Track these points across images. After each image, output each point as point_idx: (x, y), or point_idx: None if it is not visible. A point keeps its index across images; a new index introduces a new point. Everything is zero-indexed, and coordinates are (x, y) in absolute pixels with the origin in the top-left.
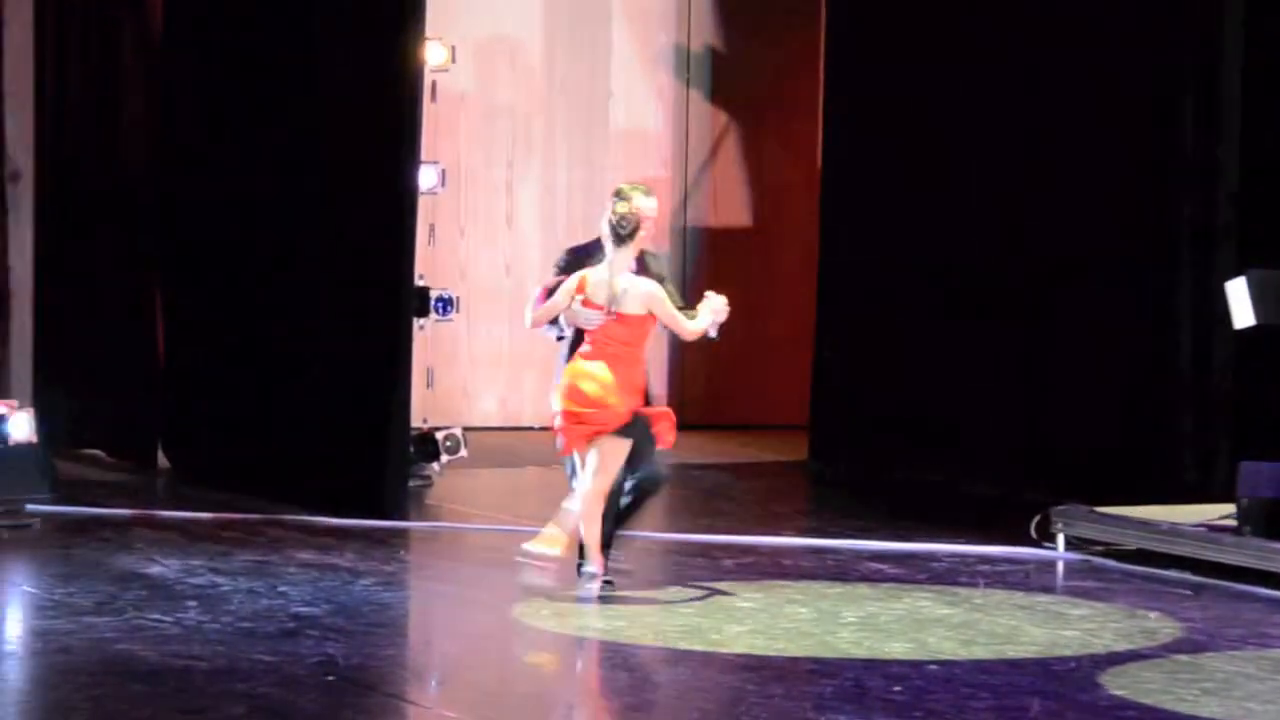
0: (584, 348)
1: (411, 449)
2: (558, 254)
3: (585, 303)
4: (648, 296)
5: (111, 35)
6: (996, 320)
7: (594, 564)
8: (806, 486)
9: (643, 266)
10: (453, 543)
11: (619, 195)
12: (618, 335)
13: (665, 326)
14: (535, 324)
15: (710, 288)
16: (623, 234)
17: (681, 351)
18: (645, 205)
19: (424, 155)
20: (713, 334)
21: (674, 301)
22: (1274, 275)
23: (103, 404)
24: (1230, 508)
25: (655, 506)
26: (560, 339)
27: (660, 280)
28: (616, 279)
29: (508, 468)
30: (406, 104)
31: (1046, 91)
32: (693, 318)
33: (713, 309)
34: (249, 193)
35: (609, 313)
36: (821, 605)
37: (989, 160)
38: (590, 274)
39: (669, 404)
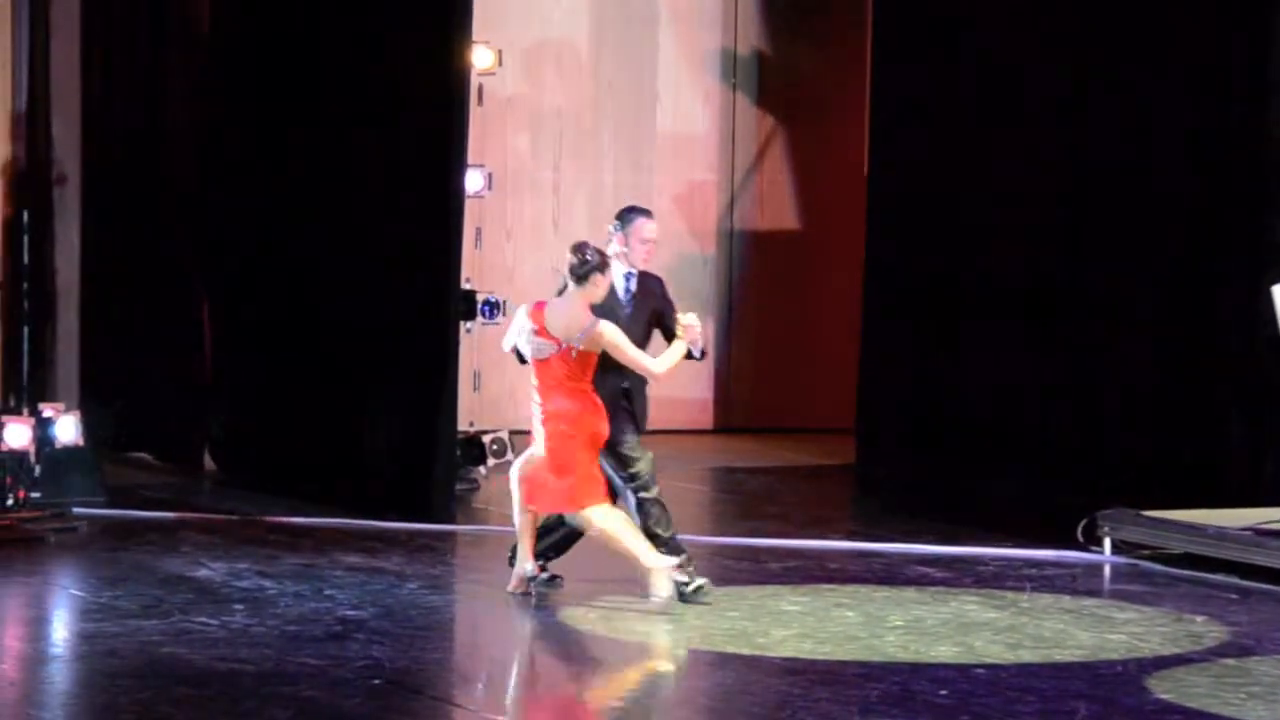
0: (533, 379)
1: (458, 452)
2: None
3: (540, 333)
4: (606, 341)
5: (157, 41)
6: (1043, 323)
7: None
8: (853, 490)
9: (644, 288)
10: (499, 546)
11: (619, 218)
12: (567, 370)
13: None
14: (508, 348)
15: (757, 290)
16: (580, 275)
17: (728, 356)
18: (647, 228)
19: (470, 159)
20: (696, 354)
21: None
22: None
23: (149, 407)
24: (1277, 512)
25: (702, 510)
26: (524, 363)
27: (663, 300)
28: (576, 317)
29: None
30: (453, 108)
31: (1097, 95)
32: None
33: (685, 325)
34: (294, 197)
35: (562, 346)
36: (868, 609)
37: (1036, 163)
38: (547, 309)
39: (715, 407)
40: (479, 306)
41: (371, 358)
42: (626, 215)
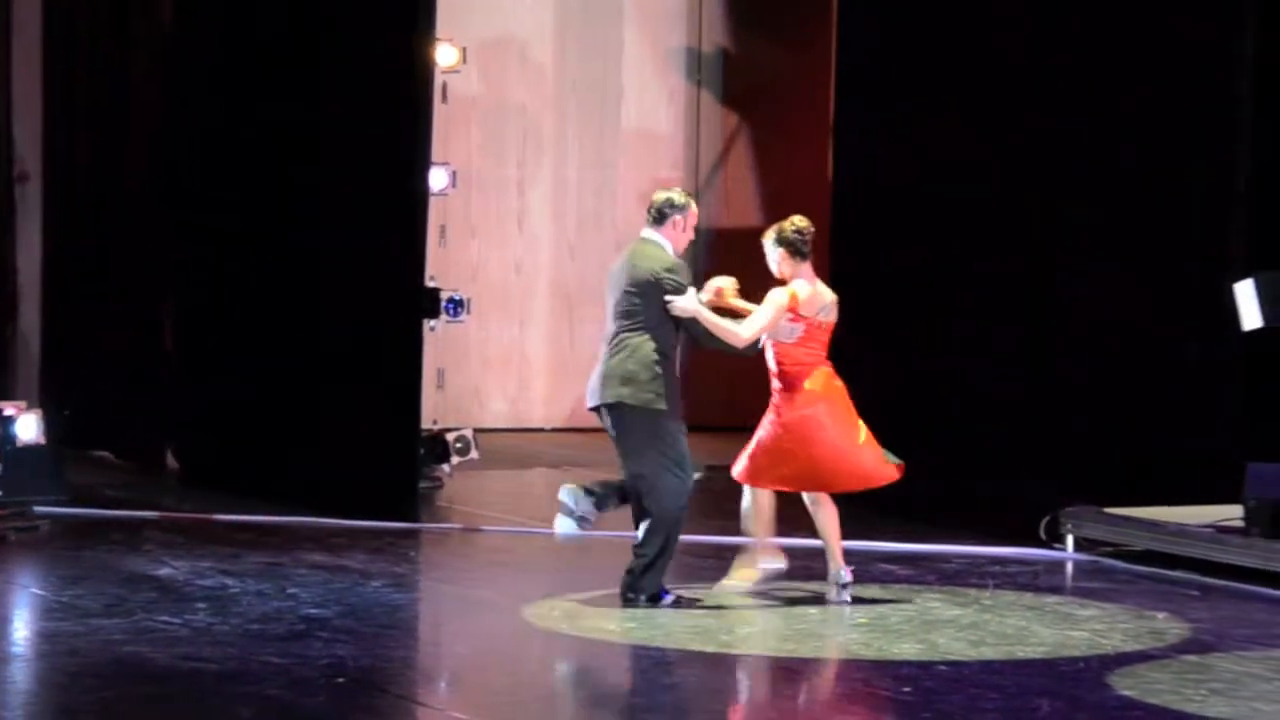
0: (797, 360)
1: (422, 450)
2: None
3: (796, 318)
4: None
5: (120, 40)
6: (1006, 322)
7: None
8: None
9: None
10: (463, 544)
11: (672, 202)
12: (823, 342)
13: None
14: (752, 340)
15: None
16: (804, 249)
17: (693, 352)
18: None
19: (435, 156)
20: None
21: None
22: None
23: (112, 405)
24: (1238, 509)
25: None
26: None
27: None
28: (821, 289)
29: (518, 469)
30: (418, 105)
31: (1058, 95)
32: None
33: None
34: (258, 195)
35: (817, 324)
36: (831, 606)
37: (1000, 162)
38: (797, 289)
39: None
40: (443, 304)
41: (335, 355)
42: (684, 202)
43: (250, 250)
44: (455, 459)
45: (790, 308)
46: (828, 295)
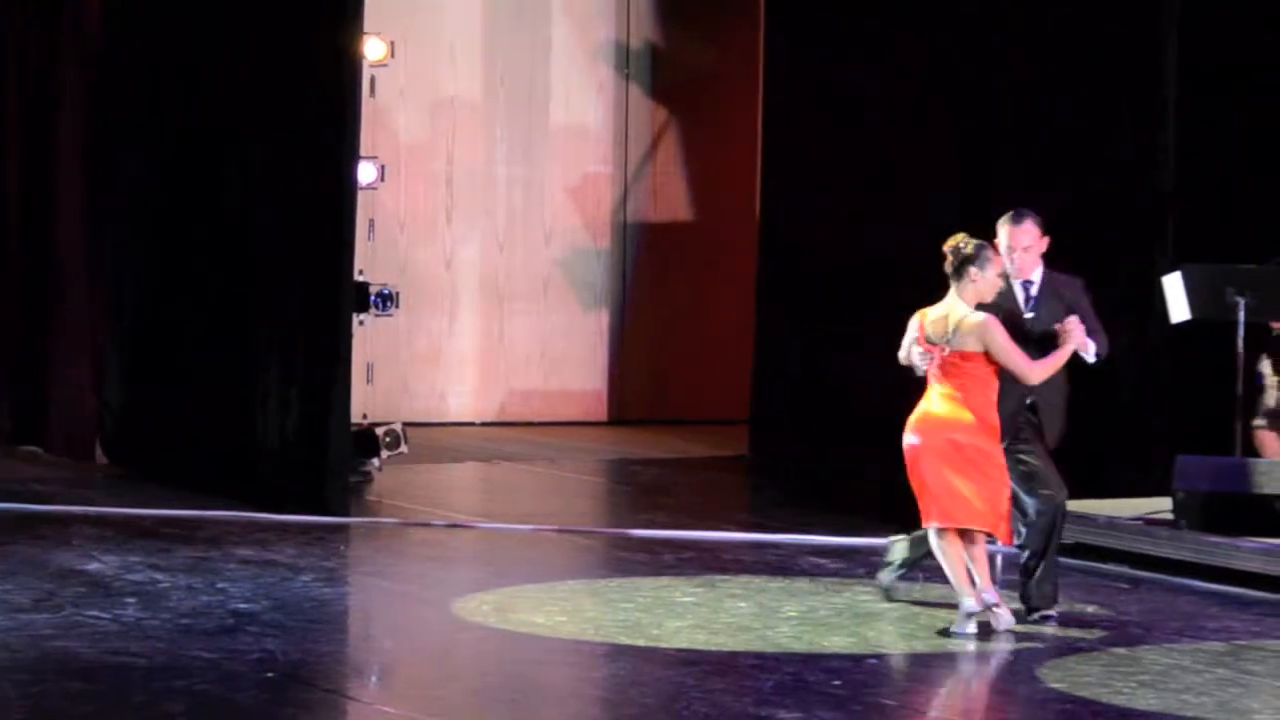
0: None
1: (351, 444)
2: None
3: (919, 341)
4: (982, 330)
5: (48, 39)
6: None
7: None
8: (747, 481)
9: (1051, 293)
10: (393, 538)
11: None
12: (957, 374)
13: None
14: (904, 360)
15: (651, 282)
16: (954, 269)
17: (621, 348)
18: (1011, 236)
19: (363, 150)
20: (1088, 356)
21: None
22: (1208, 271)
23: (40, 400)
24: (1167, 501)
25: (596, 501)
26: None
27: (1073, 304)
28: (952, 314)
29: (447, 463)
30: (345, 99)
31: (985, 88)
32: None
33: (1063, 328)
34: (187, 188)
35: (943, 351)
36: (762, 600)
37: (927, 154)
38: (930, 311)
39: (609, 399)
40: (371, 298)
41: (264, 350)
42: (1000, 222)
43: (180, 246)
44: (385, 453)
45: (918, 330)
46: (954, 320)
